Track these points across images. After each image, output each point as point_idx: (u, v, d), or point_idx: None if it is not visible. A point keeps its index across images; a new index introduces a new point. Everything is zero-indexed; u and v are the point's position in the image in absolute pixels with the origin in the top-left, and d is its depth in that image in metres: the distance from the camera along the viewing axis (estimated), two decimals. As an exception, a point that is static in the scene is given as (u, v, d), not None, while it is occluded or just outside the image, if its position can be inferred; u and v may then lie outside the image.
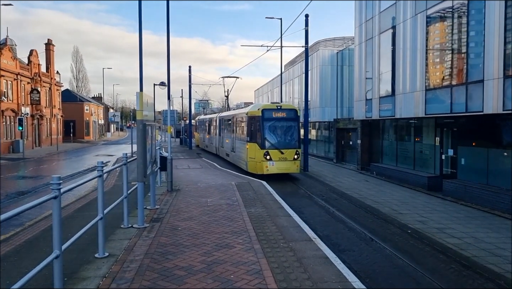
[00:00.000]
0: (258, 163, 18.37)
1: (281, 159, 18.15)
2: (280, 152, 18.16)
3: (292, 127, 19.04)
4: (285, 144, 18.64)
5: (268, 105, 19.57)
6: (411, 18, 17.51)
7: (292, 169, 18.59)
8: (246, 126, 20.04)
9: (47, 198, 3.96)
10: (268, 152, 18.08)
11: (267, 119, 18.61)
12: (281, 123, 18.77)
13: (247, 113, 19.93)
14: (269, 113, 18.78)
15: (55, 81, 49.93)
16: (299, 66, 37.87)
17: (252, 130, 19.06)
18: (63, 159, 33.72)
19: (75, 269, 5.36)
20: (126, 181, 7.41)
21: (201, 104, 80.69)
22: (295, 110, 19.45)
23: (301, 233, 7.04)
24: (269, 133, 18.57)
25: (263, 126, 18.31)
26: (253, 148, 18.74)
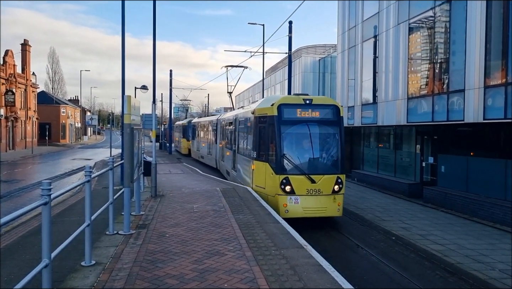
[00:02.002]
0: (271, 197, 11.18)
1: (311, 191, 10.81)
2: (309, 179, 10.78)
3: (331, 136, 11.58)
4: (318, 166, 11.38)
5: (289, 98, 12.10)
6: (394, 27, 17.82)
7: (330, 209, 11.03)
8: (251, 133, 13.06)
9: (37, 204, 3.77)
10: (288, 179, 10.79)
11: (287, 122, 11.28)
12: (311, 129, 11.40)
13: (254, 112, 12.57)
14: (291, 111, 11.45)
15: (31, 82, 48.68)
16: (281, 72, 38.05)
17: (261, 141, 11.97)
18: (38, 163, 32.81)
19: (60, 278, 5.13)
20: (112, 185, 7.20)
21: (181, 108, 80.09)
22: (335, 108, 11.73)
23: (291, 240, 6.97)
24: (290, 146, 11.29)
25: (280, 134, 11.11)
26: (262, 169, 11.73)
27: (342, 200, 11.43)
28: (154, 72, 15.43)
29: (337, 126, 11.65)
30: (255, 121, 12.43)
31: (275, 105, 11.40)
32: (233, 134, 17.05)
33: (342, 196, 11.41)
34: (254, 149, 12.51)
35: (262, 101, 13.27)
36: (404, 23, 17.05)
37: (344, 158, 11.80)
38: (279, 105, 11.40)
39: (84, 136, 79.06)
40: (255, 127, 12.43)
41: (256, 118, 12.40)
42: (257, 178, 12.28)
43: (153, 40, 14.84)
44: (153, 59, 15.13)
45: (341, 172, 11.39)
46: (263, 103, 12.68)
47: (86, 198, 5.62)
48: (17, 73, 44.00)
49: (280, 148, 11.09)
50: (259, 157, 12.06)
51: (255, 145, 12.39)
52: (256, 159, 12.25)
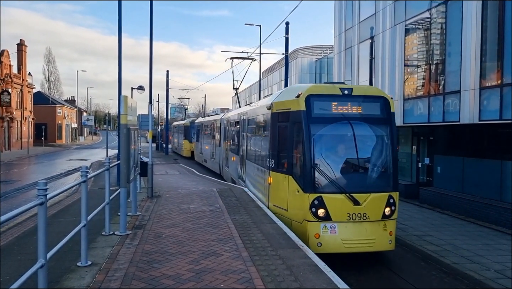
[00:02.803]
0: (296, 223, 8.40)
1: (353, 217, 8.01)
2: (351, 199, 7.99)
3: (379, 139, 8.74)
4: (362, 181, 8.59)
5: (320, 87, 9.10)
6: (390, 28, 17.89)
7: (380, 241, 8.14)
8: (267, 135, 10.25)
9: (33, 204, 3.76)
10: (321, 200, 8.01)
11: (319, 119, 8.54)
12: (352, 129, 8.50)
13: (271, 107, 9.71)
14: (324, 105, 8.64)
15: (27, 82, 48.51)
16: (278, 73, 38.11)
17: (281, 146, 9.27)
18: (34, 163, 32.68)
19: (56, 278, 5.12)
20: (109, 186, 7.18)
21: (177, 109, 79.99)
22: (383, 100, 8.88)
23: (288, 240, 6.98)
24: (324, 153, 8.42)
25: (310, 136, 8.31)
26: (283, 185, 8.94)
27: (395, 227, 8.47)
28: (151, 72, 15.41)
29: (387, 126, 8.65)
30: (273, 120, 9.56)
31: (303, 96, 8.43)
32: (241, 136, 14.40)
33: (395, 222, 8.42)
34: (270, 156, 9.52)
35: (282, 93, 10.07)
36: (400, 24, 17.13)
37: (397, 169, 8.79)
38: (308, 96, 8.44)
39: (80, 137, 78.80)
40: (273, 128, 9.55)
41: (274, 115, 9.49)
42: (275, 196, 9.29)
43: (149, 40, 14.83)
44: (149, 60, 15.11)
45: (394, 189, 8.44)
46: (284, 95, 9.59)
47: (82, 198, 5.61)
48: (13, 73, 43.83)
49: (310, 155, 8.12)
50: (278, 166, 9.16)
51: (273, 151, 9.46)
52: (274, 170, 9.31)
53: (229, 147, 17.39)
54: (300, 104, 8.50)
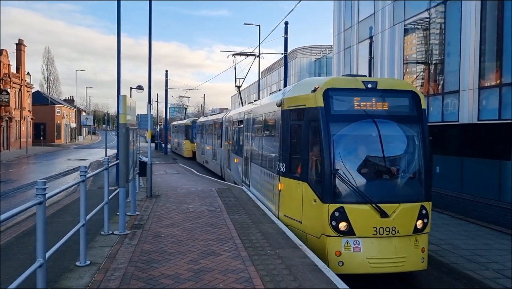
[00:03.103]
0: (312, 238, 7.35)
1: (380, 231, 6.96)
2: (378, 210, 6.94)
3: (409, 141, 7.68)
4: (391, 189, 7.49)
5: (340, 80, 7.97)
6: (389, 28, 17.90)
7: (411, 259, 7.08)
8: (276, 135, 9.23)
9: (32, 204, 3.77)
10: (343, 212, 6.97)
11: (339, 117, 7.48)
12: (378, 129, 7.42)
13: (282, 104, 8.65)
14: (345, 100, 7.57)
15: (26, 82, 48.47)
16: (277, 73, 38.12)
17: (294, 148, 8.25)
18: (33, 163, 32.66)
19: (55, 278, 5.12)
20: (108, 186, 7.18)
21: (176, 109, 79.93)
22: (413, 96, 7.76)
23: (286, 240, 6.98)
24: (346, 157, 7.36)
25: (329, 137, 7.25)
26: (297, 193, 7.84)
27: (427, 243, 7.40)
28: (150, 72, 15.42)
29: (418, 125, 7.56)
30: (284, 118, 8.50)
31: (320, 90, 7.32)
32: (245, 137, 13.40)
33: (427, 237, 7.39)
34: (281, 159, 8.48)
35: (294, 87, 8.92)
36: (399, 24, 17.14)
37: (430, 174, 7.63)
38: (327, 90, 7.33)
39: (79, 137, 78.74)
40: (284, 127, 8.48)
41: (286, 113, 8.42)
42: (286, 205, 8.24)
43: (148, 40, 14.83)
44: (148, 60, 15.11)
45: (426, 198, 7.33)
46: (297, 90, 8.49)
47: (81, 198, 5.61)
48: (12, 73, 43.78)
49: (329, 159, 7.01)
50: (290, 171, 8.09)
51: (283, 154, 8.39)
52: (285, 175, 8.26)
53: (232, 148, 16.51)
54: (317, 99, 7.34)
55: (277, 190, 8.79)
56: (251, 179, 12.12)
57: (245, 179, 13.18)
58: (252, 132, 12.29)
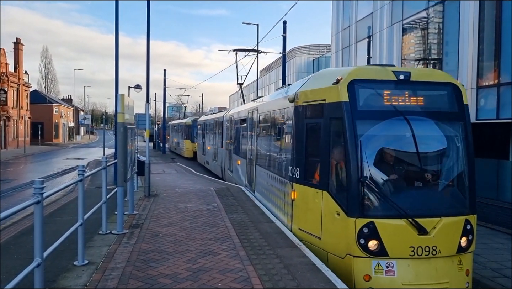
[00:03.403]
0: (334, 258, 6.22)
1: (418, 251, 5.78)
2: (415, 226, 5.79)
3: (450, 142, 6.52)
4: (429, 201, 6.32)
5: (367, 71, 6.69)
6: (388, 28, 17.91)
7: (456, 284, 5.91)
8: (287, 135, 8.22)
9: (29, 203, 3.75)
10: (373, 228, 5.81)
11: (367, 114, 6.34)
12: (413, 128, 6.24)
13: (295, 99, 7.54)
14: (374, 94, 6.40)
15: (23, 81, 48.36)
16: (275, 72, 38.11)
17: (311, 151, 7.17)
18: (31, 162, 32.58)
19: (53, 278, 5.10)
20: (106, 185, 7.17)
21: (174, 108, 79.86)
22: (453, 89, 6.57)
23: (285, 239, 6.97)
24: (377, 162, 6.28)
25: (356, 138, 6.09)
26: (315, 203, 6.71)
27: (472, 264, 6.38)
28: (148, 71, 15.42)
29: (460, 123, 6.47)
30: (298, 115, 7.41)
31: (344, 82, 6.20)
32: (249, 136, 12.46)
33: (472, 257, 6.37)
34: (294, 163, 7.37)
35: (311, 79, 7.67)
36: (397, 23, 17.15)
37: (474, 182, 6.39)
38: (352, 82, 6.22)
39: (77, 136, 78.60)
40: (298, 126, 7.39)
41: (300, 109, 7.31)
42: (302, 217, 7.13)
43: (147, 39, 14.81)
44: (147, 59, 15.09)
45: (471, 211, 6.24)
46: (314, 82, 7.34)
47: (79, 197, 5.59)
48: (9, 72, 43.67)
49: (356, 164, 5.97)
50: (306, 178, 7.02)
51: (297, 157, 7.29)
52: (299, 182, 7.16)
53: (234, 149, 15.53)
54: (341, 93, 6.21)
55: (289, 198, 7.62)
56: (256, 183, 11.01)
57: (248, 183, 12.22)
58: (258, 132, 11.27)
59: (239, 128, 14.49)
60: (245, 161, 13.02)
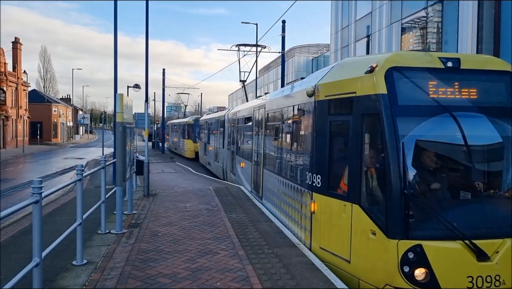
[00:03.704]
0: (367, 285, 5.09)
1: (478, 282, 4.60)
2: (473, 250, 4.65)
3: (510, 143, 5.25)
4: (489, 219, 5.09)
5: (408, 56, 5.55)
6: (387, 27, 17.92)
7: None
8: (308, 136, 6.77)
9: (28, 203, 3.75)
10: (421, 252, 4.65)
11: (410, 109, 5.13)
12: (467, 128, 5.07)
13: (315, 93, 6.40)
14: (417, 84, 5.14)
15: (22, 81, 48.29)
16: (274, 71, 38.11)
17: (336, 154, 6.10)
18: (30, 162, 32.55)
19: (51, 277, 5.10)
20: (104, 184, 7.16)
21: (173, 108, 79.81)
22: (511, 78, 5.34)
23: (284, 239, 6.98)
24: (422, 169, 5.19)
25: (396, 139, 4.91)
26: (343, 219, 5.54)
27: None
28: (147, 71, 15.39)
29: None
30: (319, 112, 6.30)
31: (381, 70, 5.13)
32: (254, 136, 11.47)
33: None
34: (314, 169, 6.29)
35: (334, 69, 6.47)
36: (396, 23, 17.15)
37: None
38: (390, 71, 5.12)
39: (76, 136, 78.50)
40: (318, 124, 6.26)
41: (322, 104, 6.21)
42: (324, 234, 6.01)
43: (145, 38, 14.79)
44: (145, 58, 15.07)
45: None
46: (338, 72, 6.26)
47: (77, 196, 5.58)
48: (8, 71, 43.60)
49: (398, 172, 4.85)
50: (329, 187, 5.93)
51: (319, 161, 6.18)
52: (321, 192, 6.05)
53: (237, 149, 14.59)
54: (377, 83, 5.09)
55: (307, 210, 6.53)
56: (264, 189, 9.94)
57: (254, 188, 11.20)
58: (266, 132, 10.17)
59: (243, 128, 13.60)
60: (250, 164, 11.97)
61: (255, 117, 11.65)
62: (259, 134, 10.99)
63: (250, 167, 11.90)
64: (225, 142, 17.59)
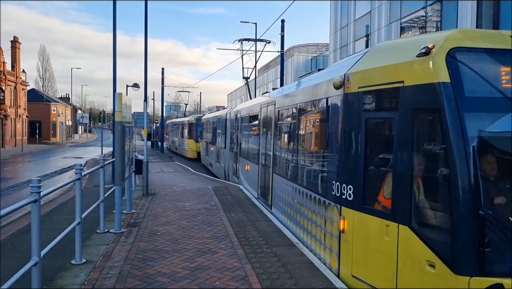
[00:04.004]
0: None
1: None
2: None
3: None
4: None
5: (473, 34, 4.32)
6: (386, 26, 17.93)
7: None
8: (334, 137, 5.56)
9: (27, 202, 3.74)
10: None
11: (478, 102, 3.97)
12: None
13: (345, 83, 5.21)
14: (488, 70, 4.01)
15: (21, 80, 48.20)
16: (273, 71, 38.11)
17: (372, 159, 4.97)
18: (28, 161, 32.49)
19: (50, 276, 5.09)
20: (103, 184, 7.16)
21: (173, 107, 79.76)
22: None
23: (283, 238, 6.98)
24: (501, 183, 3.97)
25: (465, 142, 3.73)
26: (385, 243, 4.37)
27: None
28: (146, 70, 15.35)
29: None
30: (350, 107, 5.20)
31: (441, 52, 4.02)
32: (263, 137, 10.34)
33: None
34: (343, 177, 5.22)
35: (368, 54, 5.36)
36: (396, 22, 17.16)
37: None
38: (453, 52, 4.03)
39: (75, 135, 78.39)
40: (350, 123, 5.18)
41: (355, 97, 5.11)
42: (358, 259, 4.90)
43: (144, 37, 14.76)
44: (144, 57, 15.03)
45: None
46: (377, 56, 5.14)
47: (76, 196, 5.58)
48: (7, 70, 43.50)
49: (469, 186, 3.68)
50: (366, 201, 4.85)
51: (349, 167, 5.14)
52: (353, 206, 4.98)
53: (241, 151, 13.65)
54: (436, 68, 3.99)
55: (333, 228, 5.40)
56: (275, 197, 8.78)
57: (262, 195, 10.09)
58: (277, 131, 9.03)
59: (249, 127, 12.53)
60: (256, 167, 10.85)
61: (263, 116, 10.49)
62: (267, 134, 9.83)
63: (257, 171, 10.75)
64: (227, 143, 16.57)
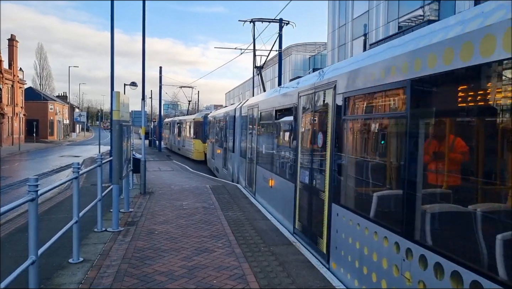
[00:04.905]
0: None
1: None
2: None
3: None
4: None
5: None
6: (384, 26, 17.94)
7: None
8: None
9: (24, 201, 3.74)
10: None
11: None
12: None
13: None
14: None
15: (18, 78, 48.02)
16: (271, 70, 38.10)
17: None
18: (26, 160, 32.40)
19: (48, 275, 5.09)
20: (101, 182, 7.15)
21: (170, 106, 79.61)
22: None
23: (280, 237, 7.00)
24: None
25: None
26: None
27: None
28: (144, 69, 15.31)
29: None
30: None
31: None
32: (301, 140, 6.96)
33: None
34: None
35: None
36: (393, 21, 17.18)
37: None
38: None
39: (73, 133, 78.20)
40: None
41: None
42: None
43: (142, 36, 14.71)
44: (142, 56, 15.00)
45: None
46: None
47: (74, 194, 5.58)
48: (4, 69, 43.34)
49: None
50: None
51: None
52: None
53: (255, 156, 10.83)
54: None
55: None
56: (343, 246, 5.03)
57: (311, 237, 6.27)
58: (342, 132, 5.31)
59: (268, 126, 9.69)
60: (291, 186, 7.32)
61: (305, 107, 6.83)
62: (318, 135, 6.10)
63: (292, 191, 7.24)
64: (236, 145, 13.66)
